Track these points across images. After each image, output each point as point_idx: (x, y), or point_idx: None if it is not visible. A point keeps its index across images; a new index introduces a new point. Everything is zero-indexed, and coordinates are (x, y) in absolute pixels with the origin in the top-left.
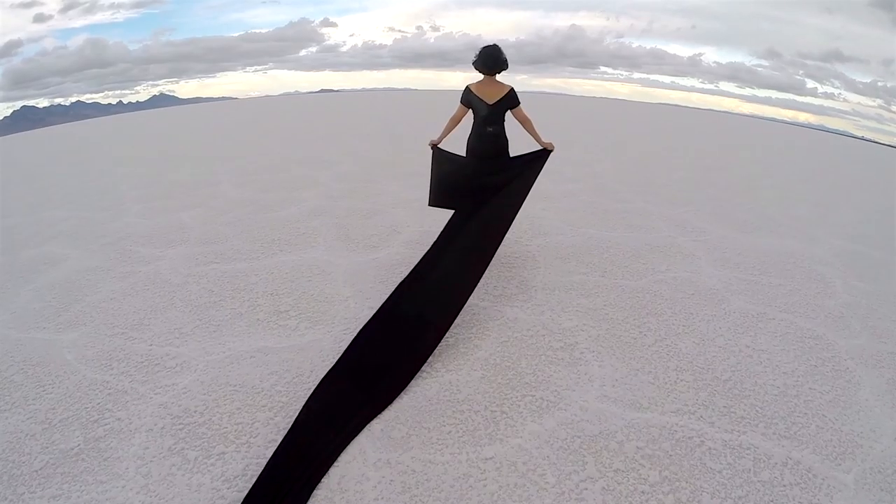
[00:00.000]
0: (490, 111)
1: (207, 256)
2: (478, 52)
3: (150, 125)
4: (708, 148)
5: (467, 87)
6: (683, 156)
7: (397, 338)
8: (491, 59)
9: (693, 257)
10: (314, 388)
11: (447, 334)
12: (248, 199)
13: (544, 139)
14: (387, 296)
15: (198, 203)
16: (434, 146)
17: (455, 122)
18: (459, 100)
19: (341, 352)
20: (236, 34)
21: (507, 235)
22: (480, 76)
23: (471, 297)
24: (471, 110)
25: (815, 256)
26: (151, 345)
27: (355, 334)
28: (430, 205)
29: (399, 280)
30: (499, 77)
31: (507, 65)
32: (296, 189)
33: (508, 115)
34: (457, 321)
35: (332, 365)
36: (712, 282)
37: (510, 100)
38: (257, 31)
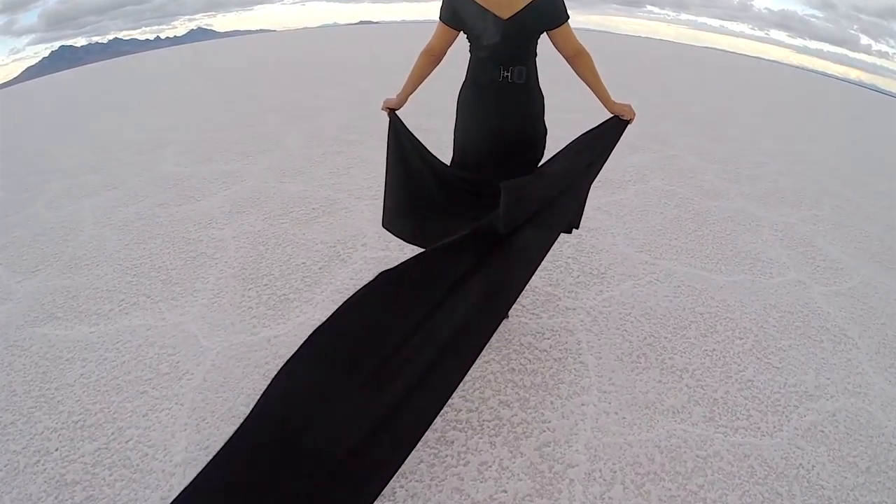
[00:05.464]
0: (505, 34)
1: (55, 302)
2: None
3: (175, 62)
4: (782, 107)
5: None
6: (761, 117)
7: None
8: None
9: (845, 340)
10: None
11: None
12: (177, 174)
13: (617, 99)
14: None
15: (119, 182)
16: (391, 111)
17: (430, 60)
18: (438, 16)
19: None
20: None
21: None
22: None
23: (429, 489)
24: (463, 35)
25: None
26: None
27: None
28: (384, 227)
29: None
30: None
31: None
32: (245, 156)
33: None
34: None
35: None
36: (892, 424)
37: (548, 10)
38: None
